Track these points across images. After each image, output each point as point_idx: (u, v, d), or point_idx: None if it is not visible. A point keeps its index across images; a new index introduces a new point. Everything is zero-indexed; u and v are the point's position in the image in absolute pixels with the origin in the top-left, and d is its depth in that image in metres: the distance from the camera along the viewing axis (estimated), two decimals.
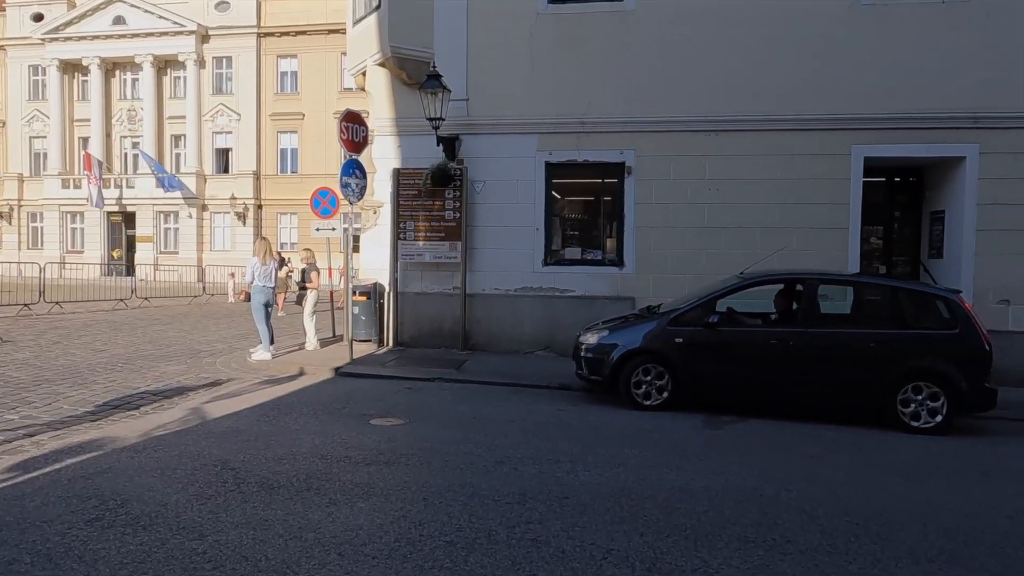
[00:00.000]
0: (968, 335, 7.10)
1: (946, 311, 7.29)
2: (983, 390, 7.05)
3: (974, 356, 7.07)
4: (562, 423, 6.92)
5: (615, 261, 10.97)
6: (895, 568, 3.74)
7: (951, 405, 7.01)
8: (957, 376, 6.98)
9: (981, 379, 7.05)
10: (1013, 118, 9.92)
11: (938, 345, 7.19)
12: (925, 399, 7.07)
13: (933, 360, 7.08)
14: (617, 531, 4.10)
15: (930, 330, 7.39)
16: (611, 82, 10.71)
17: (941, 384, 7.03)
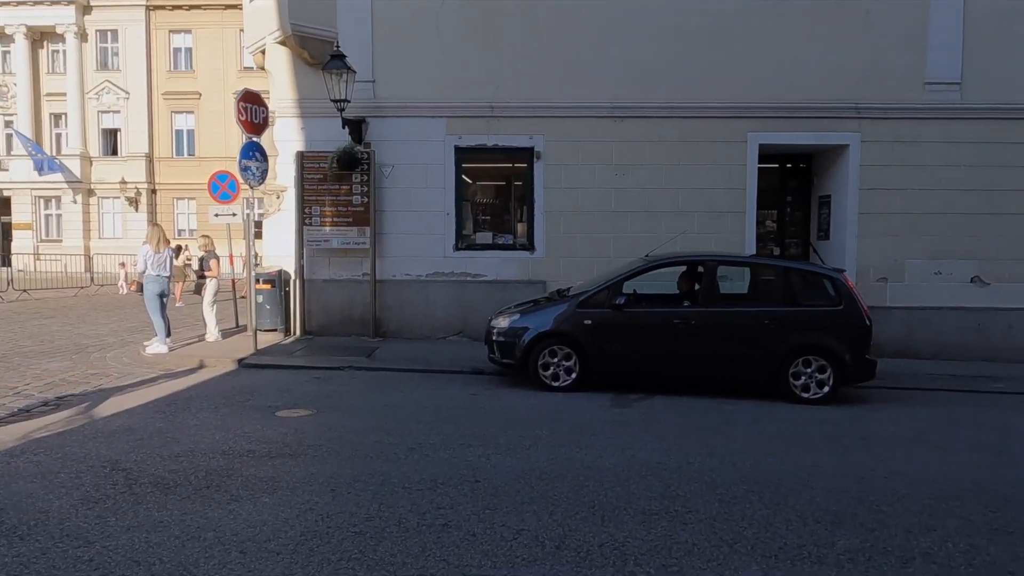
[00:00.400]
0: (851, 311, 7.61)
1: (832, 289, 7.78)
2: (865, 362, 7.60)
3: (857, 331, 7.58)
4: (475, 407, 6.94)
5: (526, 246, 11.05)
6: (786, 531, 3.98)
7: (837, 376, 7.51)
8: (842, 349, 7.49)
9: (863, 352, 7.59)
10: (890, 108, 10.66)
11: (825, 321, 7.66)
12: (814, 372, 7.54)
13: (821, 335, 7.55)
14: (527, 511, 4.16)
15: (818, 307, 7.85)
16: (520, 67, 10.73)
17: (828, 357, 7.51)
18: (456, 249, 11.00)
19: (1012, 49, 10.54)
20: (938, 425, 6.82)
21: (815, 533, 3.96)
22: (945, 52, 10.61)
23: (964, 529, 4.08)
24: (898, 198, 10.77)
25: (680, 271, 8.45)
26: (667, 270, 8.32)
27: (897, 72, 10.65)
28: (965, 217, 10.73)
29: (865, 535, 3.94)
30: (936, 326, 10.86)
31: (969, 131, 10.64)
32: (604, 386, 7.87)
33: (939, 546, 3.83)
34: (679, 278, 8.41)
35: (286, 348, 9.92)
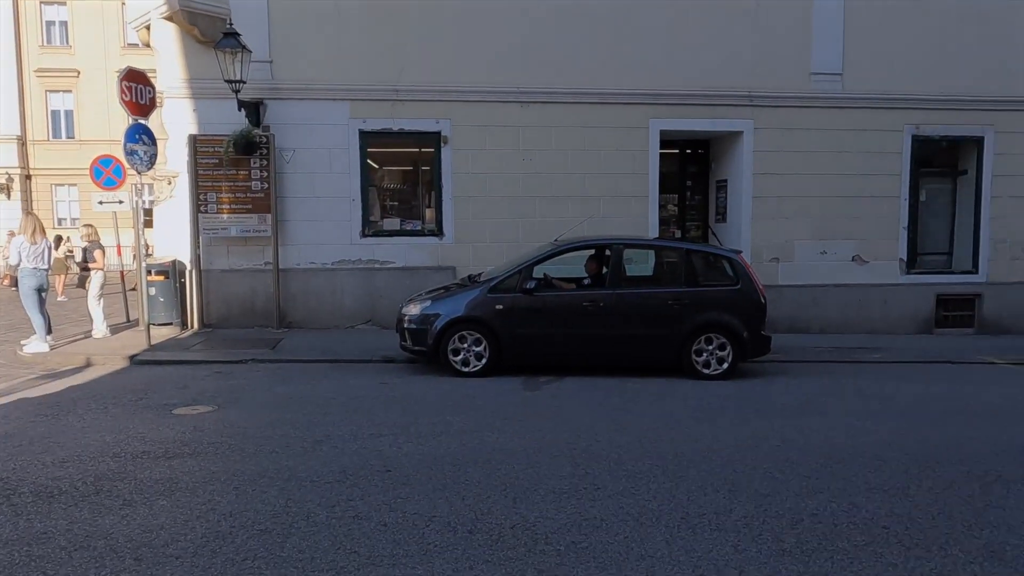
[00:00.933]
0: (748, 290, 8.02)
1: (730, 269, 8.16)
2: (761, 337, 8.04)
3: (753, 308, 8.00)
4: (385, 396, 6.85)
5: (435, 231, 10.96)
6: (687, 501, 4.16)
7: (735, 352, 7.92)
8: (740, 327, 7.89)
9: (759, 328, 8.03)
10: (780, 97, 11.24)
11: (724, 300, 8.04)
12: (715, 348, 7.92)
13: (721, 313, 7.92)
14: (440, 498, 4.15)
15: (718, 287, 8.22)
16: (425, 49, 10.56)
17: (728, 334, 7.90)
18: (363, 236, 10.76)
19: (887, 42, 11.32)
20: (824, 394, 7.32)
21: (714, 502, 4.16)
22: (828, 44, 11.28)
23: (846, 490, 4.40)
24: (787, 182, 11.41)
25: (588, 254, 8.64)
26: (576, 254, 8.49)
27: (785, 63, 11.23)
28: (846, 200, 11.50)
29: (759, 501, 4.19)
30: (822, 302, 11.63)
31: (849, 119, 11.38)
32: (515, 370, 7.95)
33: (825, 506, 4.11)
34: (587, 261, 8.59)
35: (183, 342, 9.43)
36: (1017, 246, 11.99)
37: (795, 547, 3.57)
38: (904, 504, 4.18)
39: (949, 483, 4.56)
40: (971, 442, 5.52)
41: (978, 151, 11.87)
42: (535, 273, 7.98)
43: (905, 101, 11.43)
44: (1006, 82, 11.56)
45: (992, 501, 4.26)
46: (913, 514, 4.03)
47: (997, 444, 5.48)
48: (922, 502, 4.22)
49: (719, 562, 3.39)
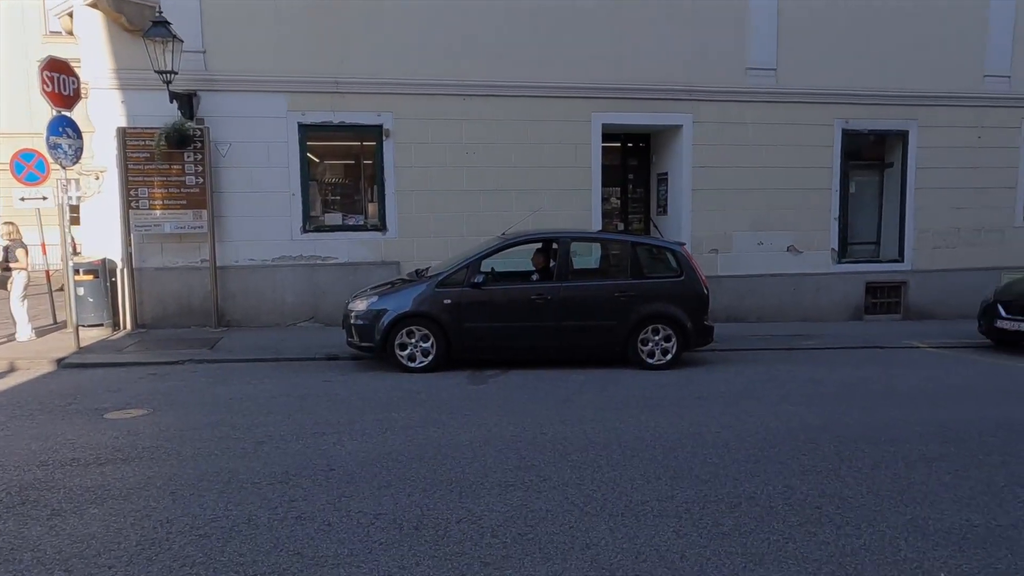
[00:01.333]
0: (691, 281, 8.20)
1: (673, 261, 8.32)
2: (704, 327, 8.25)
3: (697, 299, 8.20)
4: (329, 394, 6.74)
5: (378, 226, 10.82)
6: (631, 490, 4.24)
7: (679, 342, 8.11)
8: (684, 317, 8.07)
9: (702, 318, 8.23)
10: (718, 92, 11.51)
11: (668, 291, 8.19)
12: (660, 339, 8.09)
13: (665, 305, 8.09)
14: (385, 495, 4.12)
15: (662, 278, 8.36)
16: (366, 41, 10.38)
17: (672, 325, 8.07)
18: (304, 231, 10.54)
19: (819, 39, 11.71)
20: (761, 381, 7.55)
21: (657, 489, 4.25)
22: (762, 41, 11.60)
23: (782, 472, 4.56)
24: (726, 175, 11.70)
25: (535, 248, 8.67)
26: (524, 248, 8.50)
27: (723, 58, 11.50)
28: (781, 192, 11.87)
29: (700, 486, 4.30)
30: (760, 292, 12.00)
31: (783, 113, 11.74)
32: (461, 365, 7.95)
33: (761, 489, 4.26)
34: (534, 255, 8.62)
35: (115, 344, 9.06)
36: (939, 236, 12.62)
37: (734, 530, 3.68)
38: (835, 484, 4.36)
39: (877, 463, 4.77)
40: (897, 423, 5.80)
41: (903, 144, 12.42)
42: (483, 267, 7.98)
43: (835, 96, 11.86)
44: (930, 79, 12.12)
45: (915, 479, 4.48)
46: (844, 493, 4.21)
47: (920, 424, 5.77)
48: (852, 481, 4.41)
49: (661, 547, 3.47)
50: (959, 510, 3.97)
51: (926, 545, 3.53)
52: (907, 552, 3.45)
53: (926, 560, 3.37)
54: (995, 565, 3.33)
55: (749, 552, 3.43)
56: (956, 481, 4.44)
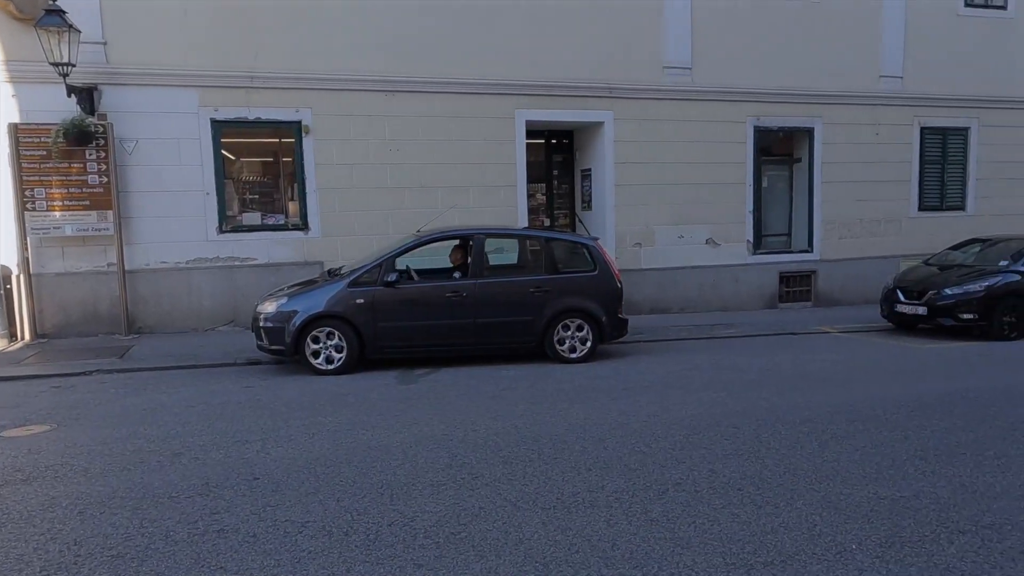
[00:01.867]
0: (605, 275, 8.34)
1: (588, 256, 8.42)
2: (619, 320, 8.43)
3: (611, 293, 8.35)
4: (252, 400, 6.50)
5: (300, 225, 10.51)
6: (562, 482, 4.29)
7: (595, 335, 8.25)
8: (599, 311, 8.22)
9: (616, 311, 8.40)
10: (637, 89, 11.76)
11: (583, 286, 8.29)
12: (576, 333, 8.21)
13: (580, 299, 8.20)
14: (313, 502, 4.01)
15: (576, 273, 8.42)
16: (282, 34, 10.05)
17: (587, 319, 8.21)
18: (221, 232, 10.13)
19: (730, 39, 12.15)
20: (685, 370, 7.78)
21: (587, 480, 4.31)
22: (678, 39, 11.93)
23: (706, 457, 4.71)
24: (646, 171, 11.99)
25: (453, 246, 8.65)
26: (444, 245, 8.47)
27: (641, 56, 11.76)
28: (698, 187, 12.27)
29: (629, 475, 4.39)
30: (681, 284, 12.37)
31: (699, 110, 12.12)
32: (389, 364, 7.85)
33: (687, 475, 4.38)
34: (452, 252, 8.62)
35: (12, 356, 8.45)
36: (844, 227, 13.34)
37: (662, 516, 3.77)
38: (756, 466, 4.54)
39: (793, 444, 5.00)
40: (810, 405, 6.09)
41: (810, 140, 13.05)
42: (396, 265, 7.87)
43: (747, 94, 12.34)
44: (832, 79, 12.77)
45: (828, 457, 4.73)
46: (764, 475, 4.38)
47: (831, 405, 6.08)
48: (771, 463, 4.60)
49: (593, 538, 3.52)
50: (867, 484, 4.21)
51: (839, 519, 3.72)
52: (822, 527, 3.62)
53: (839, 534, 3.55)
54: (900, 534, 3.54)
55: (677, 537, 3.52)
56: (864, 457, 4.70)
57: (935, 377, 7.34)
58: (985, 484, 4.22)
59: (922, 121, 13.53)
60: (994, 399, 6.28)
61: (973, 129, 13.88)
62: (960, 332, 9.89)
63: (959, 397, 6.37)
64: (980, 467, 4.51)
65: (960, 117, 13.76)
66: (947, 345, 9.33)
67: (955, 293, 9.78)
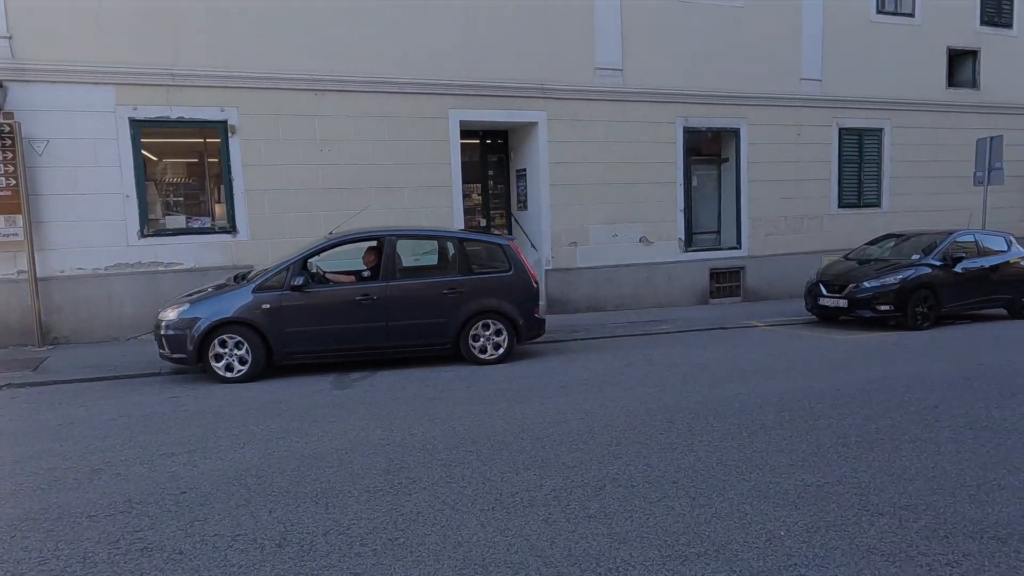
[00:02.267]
0: (520, 276, 8.24)
1: (502, 256, 8.30)
2: (535, 320, 8.39)
3: (526, 293, 8.26)
4: (178, 411, 6.24)
5: (227, 228, 10.17)
6: (501, 482, 4.28)
7: (511, 336, 8.21)
8: (514, 311, 8.16)
9: (532, 312, 8.36)
10: (570, 90, 11.89)
11: (498, 287, 8.16)
12: (492, 334, 8.14)
13: (495, 300, 8.09)
14: (243, 514, 3.87)
15: (491, 274, 8.26)
16: (204, 30, 9.70)
17: (503, 319, 8.14)
18: (142, 236, 9.70)
19: (659, 42, 12.43)
20: (621, 367, 7.91)
21: (525, 480, 4.32)
22: (609, 41, 12.13)
23: (642, 452, 4.80)
24: (580, 171, 12.14)
25: (367, 247, 8.38)
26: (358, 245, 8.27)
27: (573, 57, 11.90)
28: (631, 186, 12.50)
29: (567, 473, 4.42)
30: (616, 281, 12.58)
31: (630, 111, 12.36)
32: (322, 368, 7.69)
33: (624, 470, 4.45)
34: (364, 254, 8.38)
35: None
36: (770, 224, 13.85)
37: (599, 512, 3.81)
38: (689, 458, 4.65)
39: (724, 435, 5.15)
40: (740, 397, 6.29)
41: (736, 141, 13.49)
42: (305, 268, 7.65)
43: (676, 96, 12.65)
44: (756, 81, 13.24)
45: (758, 447, 4.88)
46: (696, 466, 4.49)
47: (760, 397, 6.29)
48: (703, 454, 4.72)
49: (531, 537, 3.53)
50: (794, 472, 4.37)
51: (768, 507, 3.84)
52: (752, 515, 3.74)
53: (768, 521, 3.67)
54: (825, 519, 3.69)
55: (614, 532, 3.56)
56: (791, 446, 4.88)
57: (855, 367, 7.69)
58: (902, 467, 4.44)
59: (840, 122, 14.18)
60: (910, 386, 6.63)
61: (887, 130, 14.65)
62: (878, 323, 10.41)
63: (877, 385, 6.70)
64: (897, 451, 4.75)
65: (874, 119, 14.49)
66: (866, 336, 9.80)
67: (873, 286, 10.28)
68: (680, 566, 3.21)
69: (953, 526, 3.58)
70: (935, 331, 10.13)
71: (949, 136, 15.06)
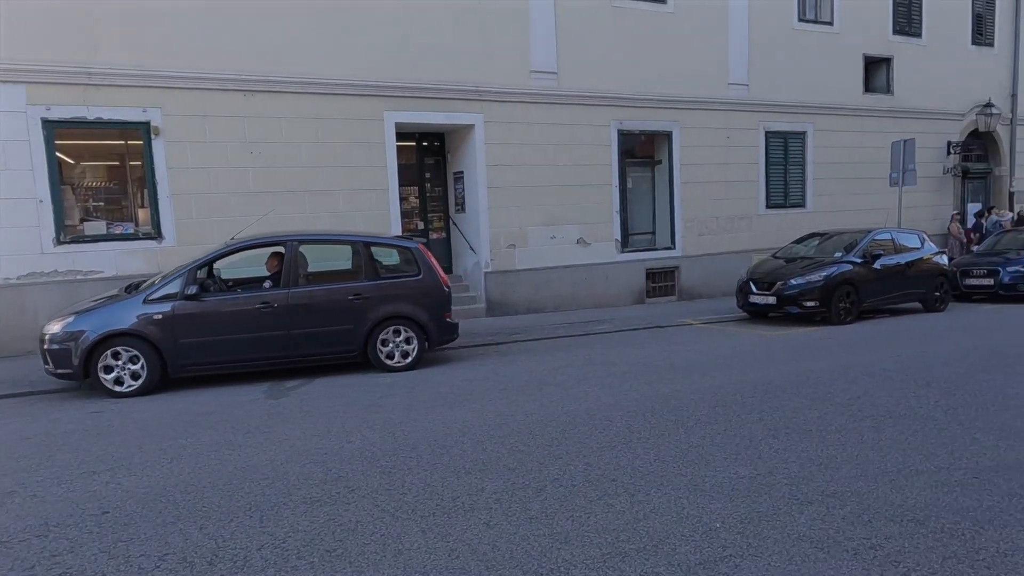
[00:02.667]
0: (430, 279, 8.04)
1: (411, 260, 8.11)
2: (447, 325, 8.22)
3: (437, 297, 8.08)
4: (100, 427, 5.93)
5: (152, 234, 9.76)
6: (442, 488, 4.24)
7: (422, 341, 8.02)
8: (424, 316, 7.97)
9: (443, 316, 8.16)
10: (506, 92, 11.93)
11: (407, 291, 7.96)
12: (401, 340, 7.94)
13: (404, 305, 7.89)
14: (172, 532, 3.70)
15: (399, 278, 8.06)
16: (124, 26, 9.28)
17: (411, 325, 7.94)
18: (59, 243, 9.21)
19: (592, 45, 12.60)
20: (561, 367, 7.97)
21: (467, 484, 4.29)
22: (543, 45, 12.23)
23: (581, 452, 4.84)
24: (518, 173, 12.19)
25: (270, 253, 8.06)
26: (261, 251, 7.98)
27: (509, 60, 11.94)
28: (569, 188, 12.64)
29: (508, 475, 4.41)
30: (555, 283, 12.68)
31: (566, 114, 12.49)
32: (257, 377, 7.45)
33: (564, 470, 4.47)
34: (268, 259, 8.06)
35: None
36: (702, 224, 14.23)
37: (541, 513, 3.82)
38: (628, 456, 4.72)
39: (662, 432, 5.24)
40: (676, 394, 6.43)
41: (669, 143, 13.81)
42: (201, 276, 7.38)
43: (611, 99, 12.86)
44: (687, 85, 13.59)
45: (693, 442, 5.00)
46: (635, 464, 4.56)
47: (695, 393, 6.45)
48: (641, 451, 4.80)
49: (473, 541, 3.50)
50: (729, 465, 4.49)
51: (704, 500, 3.93)
52: (689, 509, 3.82)
53: (705, 514, 3.75)
54: (758, 510, 3.80)
55: (555, 532, 3.58)
56: (725, 440, 5.02)
57: (784, 361, 7.98)
58: (828, 457, 4.62)
59: (766, 126, 14.71)
60: (835, 379, 6.92)
61: (809, 133, 15.28)
62: (805, 318, 10.84)
63: (805, 378, 6.96)
64: (824, 442, 4.94)
65: (798, 122, 15.10)
66: (794, 331, 10.19)
67: (799, 283, 10.70)
68: (620, 563, 3.25)
69: (876, 511, 3.74)
70: (857, 325, 10.61)
71: (866, 139, 15.84)
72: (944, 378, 6.82)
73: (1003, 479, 4.16)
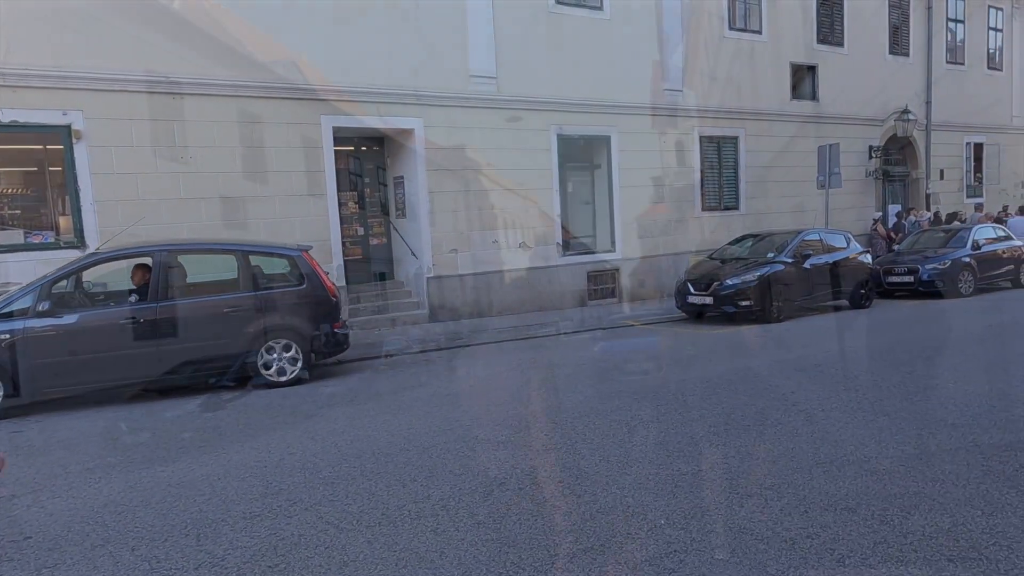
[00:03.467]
0: (315, 288, 7.67)
1: (294, 269, 7.78)
2: (336, 336, 7.83)
3: (324, 307, 7.71)
4: (20, 447, 5.62)
5: (74, 244, 9.27)
6: (387, 496, 4.17)
7: (307, 353, 7.61)
8: (308, 328, 7.60)
9: (332, 326, 7.78)
10: (445, 97, 11.87)
11: (290, 301, 7.60)
12: (283, 353, 7.53)
13: (287, 316, 7.53)
14: (101, 555, 3.53)
15: (282, 288, 7.71)
16: (41, 26, 8.80)
17: (294, 337, 7.54)
18: None
19: (531, 51, 12.68)
20: (505, 371, 7.97)
21: (413, 491, 4.24)
22: (482, 49, 12.23)
23: (528, 454, 4.85)
24: (459, 178, 12.14)
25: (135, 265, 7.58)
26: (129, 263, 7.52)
27: (448, 64, 11.89)
28: (510, 193, 12.64)
29: (454, 481, 4.38)
30: (498, 287, 12.69)
31: (505, 119, 12.52)
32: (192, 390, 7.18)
33: (510, 474, 4.47)
34: (133, 271, 7.55)
35: None
36: (641, 227, 14.49)
37: (488, 518, 3.80)
38: (573, 457, 4.75)
39: (606, 432, 5.30)
40: (619, 394, 6.51)
41: (607, 148, 14.02)
42: (66, 289, 7.00)
43: (550, 104, 12.96)
44: (623, 91, 13.82)
45: (636, 441, 5.07)
46: (581, 465, 4.60)
47: (637, 392, 6.55)
48: (587, 452, 4.84)
49: (420, 549, 3.46)
50: (671, 462, 4.57)
51: (648, 498, 3.99)
52: (634, 507, 3.87)
53: (649, 512, 3.81)
54: (700, 504, 3.88)
55: (503, 537, 3.57)
56: (667, 438, 5.11)
57: (722, 359, 8.20)
58: (766, 450, 4.77)
59: (701, 131, 15.11)
60: (771, 375, 7.15)
61: (741, 138, 15.78)
62: (741, 317, 11.17)
63: (742, 375, 7.17)
64: (762, 436, 5.09)
65: (730, 128, 15.57)
66: (731, 330, 10.49)
67: (734, 283, 11.02)
68: (569, 564, 3.26)
69: (811, 502, 3.87)
70: (790, 323, 11.00)
71: (794, 144, 16.46)
72: (871, 371, 7.14)
73: (926, 466, 4.37)
